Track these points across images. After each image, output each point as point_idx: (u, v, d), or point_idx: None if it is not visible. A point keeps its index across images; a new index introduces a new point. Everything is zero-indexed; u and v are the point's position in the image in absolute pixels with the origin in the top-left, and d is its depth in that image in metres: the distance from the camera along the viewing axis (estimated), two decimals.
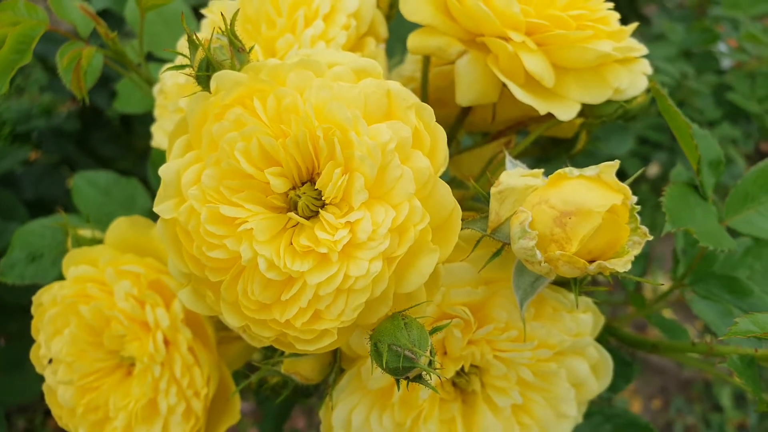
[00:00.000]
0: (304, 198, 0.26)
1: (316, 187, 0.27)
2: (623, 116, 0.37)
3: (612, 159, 0.31)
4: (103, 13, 0.66)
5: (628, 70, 0.35)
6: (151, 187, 0.60)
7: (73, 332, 0.37)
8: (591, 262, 0.27)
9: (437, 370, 0.26)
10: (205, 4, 0.45)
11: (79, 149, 1.18)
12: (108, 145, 1.19)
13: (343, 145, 0.25)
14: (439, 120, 0.43)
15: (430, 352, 0.26)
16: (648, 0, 1.70)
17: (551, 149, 0.44)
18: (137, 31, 0.50)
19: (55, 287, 0.37)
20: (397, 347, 0.26)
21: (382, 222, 0.25)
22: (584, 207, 0.26)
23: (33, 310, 0.39)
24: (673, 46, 1.30)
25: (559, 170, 0.28)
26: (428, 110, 0.27)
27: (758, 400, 0.36)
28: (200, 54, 0.28)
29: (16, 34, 0.42)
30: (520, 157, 0.43)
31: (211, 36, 0.28)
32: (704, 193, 0.40)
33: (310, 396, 0.37)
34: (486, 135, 0.42)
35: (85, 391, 0.37)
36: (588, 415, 0.44)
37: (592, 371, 0.35)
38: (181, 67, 0.30)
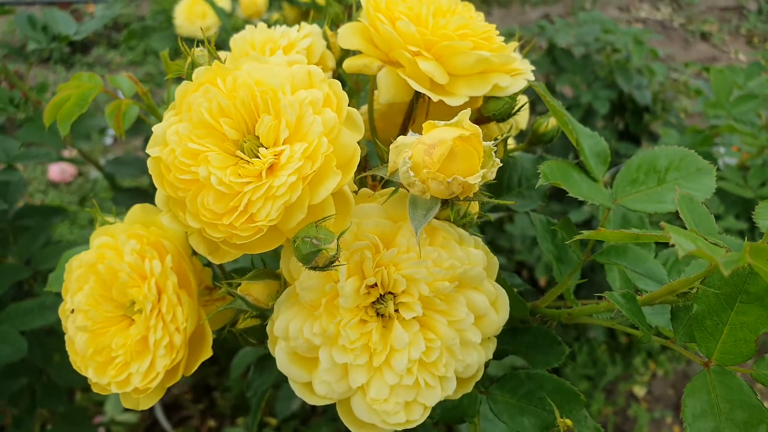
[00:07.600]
0: (248, 143, 0.38)
1: (256, 135, 0.38)
2: (512, 114, 0.48)
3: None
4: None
5: (512, 77, 0.47)
6: None
7: (91, 287, 0.47)
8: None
9: (336, 255, 0.35)
10: None
11: None
12: None
13: (273, 100, 0.37)
14: (389, 129, 0.55)
15: (337, 247, 0.36)
16: (655, 119, 1.87)
17: None
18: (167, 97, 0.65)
19: (82, 254, 0.49)
20: (307, 238, 0.35)
21: (298, 150, 0.36)
22: (443, 139, 0.37)
23: (65, 275, 0.50)
24: None
25: (431, 121, 0.39)
26: (337, 83, 0.39)
27: (642, 331, 0.42)
28: (188, 60, 0.42)
29: (78, 93, 0.58)
30: None
31: (194, 49, 0.42)
32: (594, 176, 0.49)
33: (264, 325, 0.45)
34: None
35: (96, 336, 0.47)
36: (525, 378, 0.50)
37: (492, 306, 0.42)
38: (180, 76, 0.44)
